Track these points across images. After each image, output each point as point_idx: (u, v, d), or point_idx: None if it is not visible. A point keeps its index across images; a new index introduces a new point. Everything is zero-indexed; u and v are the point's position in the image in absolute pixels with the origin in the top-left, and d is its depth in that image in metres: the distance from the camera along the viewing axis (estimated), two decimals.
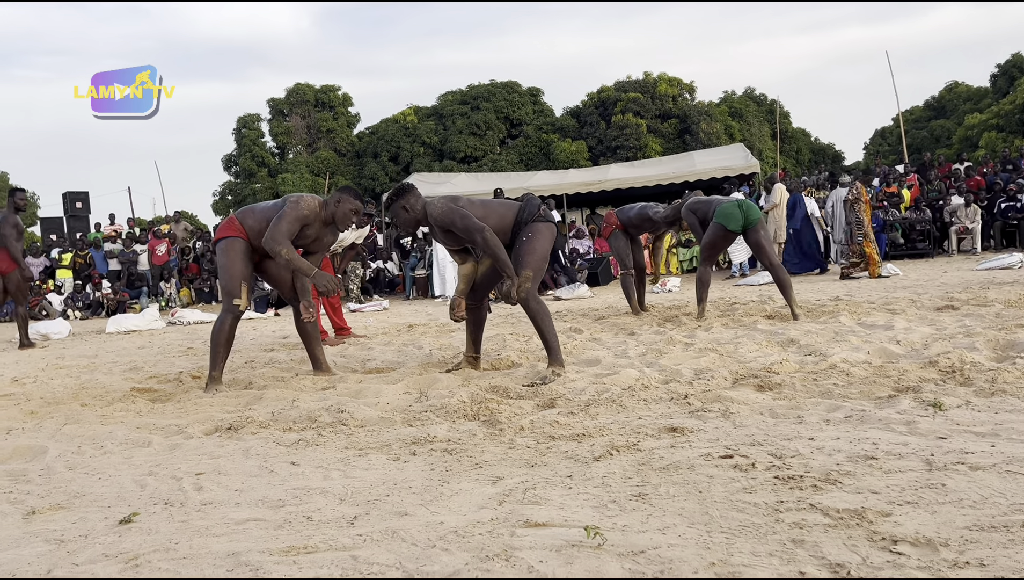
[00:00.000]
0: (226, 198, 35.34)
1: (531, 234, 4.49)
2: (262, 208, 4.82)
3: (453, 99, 34.71)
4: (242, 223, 4.74)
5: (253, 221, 4.73)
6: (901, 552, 1.74)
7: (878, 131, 39.78)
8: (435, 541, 1.97)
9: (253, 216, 4.76)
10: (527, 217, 4.52)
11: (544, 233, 4.51)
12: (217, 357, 4.69)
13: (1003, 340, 4.39)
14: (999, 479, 2.16)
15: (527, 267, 4.43)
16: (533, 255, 4.46)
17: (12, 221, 8.59)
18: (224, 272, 4.73)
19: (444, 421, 3.41)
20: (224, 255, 4.72)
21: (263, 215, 4.73)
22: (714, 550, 1.81)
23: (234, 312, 4.68)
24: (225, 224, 4.83)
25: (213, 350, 4.69)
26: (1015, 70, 33.33)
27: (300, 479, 2.64)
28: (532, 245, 4.47)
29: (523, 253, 4.46)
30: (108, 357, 7.07)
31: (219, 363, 4.70)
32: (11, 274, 8.65)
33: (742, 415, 3.15)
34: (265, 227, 4.62)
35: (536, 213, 4.54)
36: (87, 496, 2.59)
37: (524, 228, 4.52)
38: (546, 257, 4.57)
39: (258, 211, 4.80)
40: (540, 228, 4.51)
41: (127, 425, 3.72)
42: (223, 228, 4.82)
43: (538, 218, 4.53)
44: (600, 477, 2.44)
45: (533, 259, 4.45)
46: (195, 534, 2.13)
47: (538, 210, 4.56)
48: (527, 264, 4.44)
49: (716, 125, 31.97)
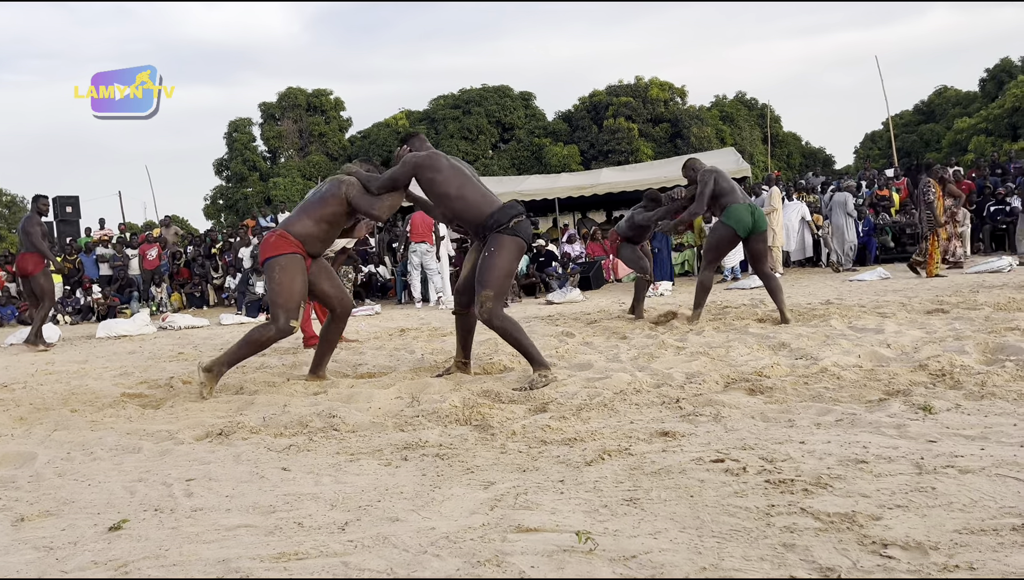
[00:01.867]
0: (217, 202, 35.29)
1: (494, 248, 4.25)
2: (301, 209, 4.70)
3: (445, 103, 34.76)
4: (296, 236, 4.59)
5: (300, 227, 4.61)
6: (891, 556, 1.75)
7: (868, 135, 40.00)
8: (426, 547, 1.96)
9: (298, 223, 4.63)
10: (493, 223, 4.29)
11: (509, 247, 4.27)
12: (238, 357, 4.58)
13: (992, 343, 4.41)
14: (988, 482, 2.17)
15: (487, 286, 4.21)
16: (493, 272, 4.22)
17: (37, 220, 9.14)
18: (282, 289, 4.53)
19: (436, 426, 3.40)
20: (283, 272, 4.54)
21: (305, 214, 4.63)
22: (705, 554, 1.82)
23: (287, 332, 4.54)
24: (277, 240, 4.61)
25: (239, 350, 4.56)
26: (1004, 74, 33.58)
27: (291, 485, 2.63)
28: (494, 261, 4.24)
29: (484, 269, 4.24)
30: (98, 362, 7.04)
31: (234, 363, 4.60)
32: (36, 276, 9.06)
33: (733, 419, 3.15)
34: (313, 226, 4.57)
35: (504, 224, 4.28)
36: (76, 503, 2.58)
37: (492, 235, 4.30)
38: (511, 273, 4.33)
39: (297, 215, 4.68)
40: (505, 241, 4.27)
41: (117, 431, 3.70)
42: (276, 244, 4.60)
43: (505, 230, 4.28)
44: (592, 482, 2.44)
45: (493, 277, 4.22)
46: (185, 541, 2.12)
47: (508, 222, 4.29)
48: (487, 283, 4.22)
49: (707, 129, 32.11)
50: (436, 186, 4.41)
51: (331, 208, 4.62)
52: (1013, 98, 29.55)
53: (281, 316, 4.54)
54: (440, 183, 4.39)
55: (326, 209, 4.62)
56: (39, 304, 9.29)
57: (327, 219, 4.64)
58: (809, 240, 14.86)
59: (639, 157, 29.78)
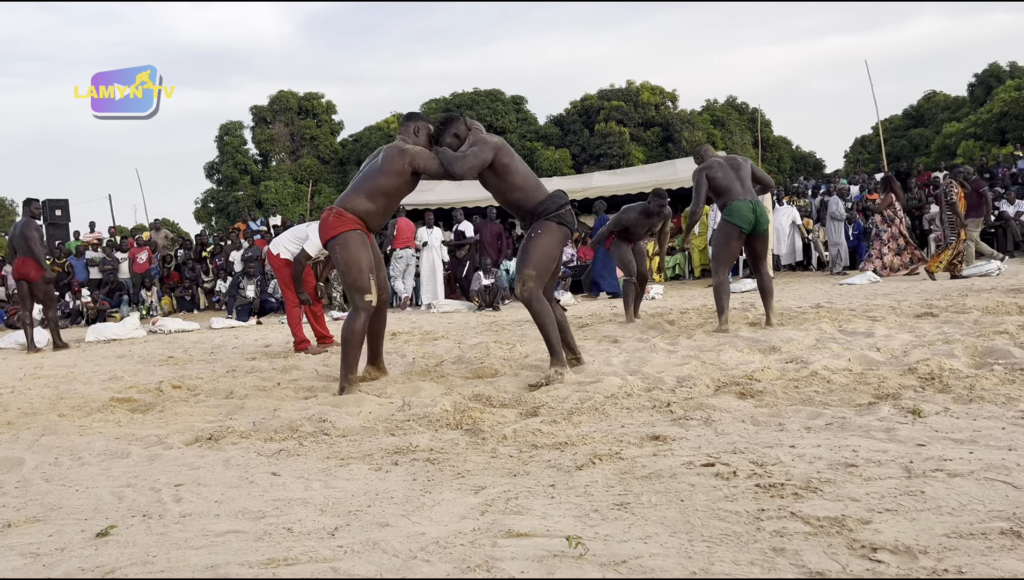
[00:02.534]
0: (208, 206, 35.20)
1: (540, 231, 4.40)
2: (357, 184, 4.54)
3: (437, 107, 34.77)
4: (354, 212, 4.45)
5: (357, 203, 4.46)
6: (880, 560, 1.75)
7: (858, 139, 40.19)
8: (416, 552, 1.96)
9: (355, 198, 4.48)
10: (542, 210, 4.43)
11: (554, 233, 4.42)
12: (352, 359, 4.48)
13: (981, 347, 4.43)
14: (977, 486, 2.17)
15: (529, 266, 4.37)
16: (536, 253, 4.38)
17: (35, 225, 9.19)
18: (349, 269, 4.44)
19: (427, 430, 3.39)
20: (345, 251, 4.42)
21: (361, 189, 4.48)
22: (695, 559, 1.82)
23: (367, 309, 4.46)
24: (334, 220, 4.47)
25: (346, 352, 4.46)
26: (992, 79, 33.82)
27: (281, 490, 2.62)
28: (537, 242, 4.39)
29: (528, 250, 4.40)
30: (87, 366, 7.00)
31: (354, 365, 4.49)
32: (38, 283, 9.16)
33: (724, 423, 3.16)
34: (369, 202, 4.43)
35: (552, 211, 4.43)
36: (64, 508, 2.56)
37: (536, 222, 4.43)
38: (553, 258, 4.48)
39: (353, 190, 4.53)
40: (551, 227, 4.42)
41: (106, 436, 3.68)
42: (334, 224, 4.47)
43: (552, 217, 4.42)
44: (582, 486, 2.43)
45: (536, 258, 4.37)
46: (173, 547, 2.11)
47: (556, 209, 4.44)
48: (529, 263, 4.38)
49: (698, 133, 32.22)
50: (508, 171, 4.44)
51: (391, 180, 4.45)
52: (1001, 103, 29.77)
53: (356, 297, 4.48)
54: (513, 170, 4.47)
55: (384, 181, 4.45)
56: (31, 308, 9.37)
57: (385, 192, 4.47)
58: (799, 244, 14.93)
59: (630, 161, 29.85)
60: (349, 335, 4.49)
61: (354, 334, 4.50)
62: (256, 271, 13.61)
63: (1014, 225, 13.75)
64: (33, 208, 9.36)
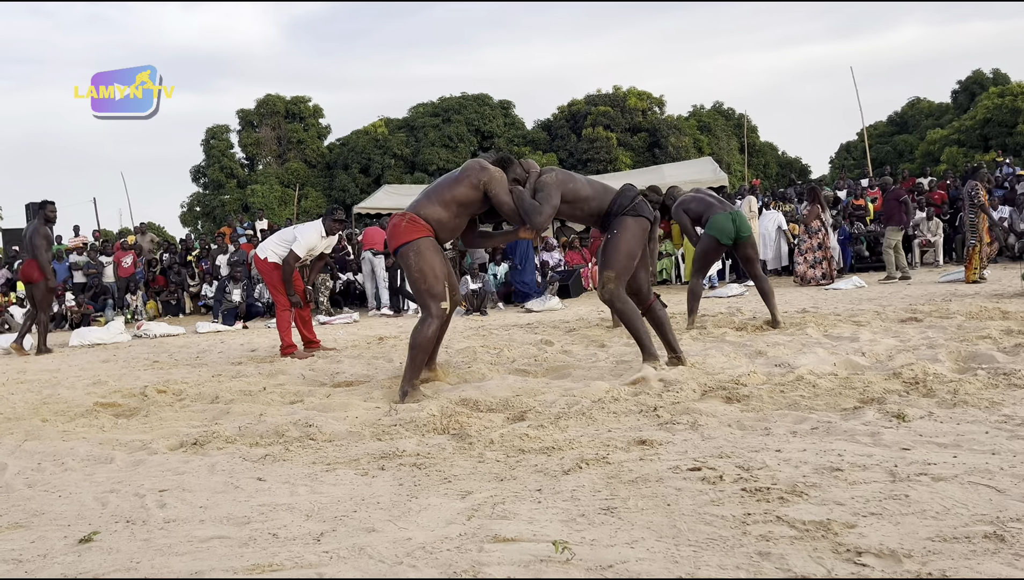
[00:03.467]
0: (194, 209, 35.01)
1: (617, 230, 4.37)
2: (431, 192, 4.51)
3: (424, 111, 34.76)
4: (427, 220, 4.39)
5: (430, 210, 4.40)
6: (865, 564, 1.76)
7: (843, 145, 40.44)
8: (402, 557, 1.95)
9: (428, 205, 4.43)
10: (617, 209, 4.41)
11: (632, 228, 4.39)
12: (417, 365, 4.38)
13: (964, 352, 4.47)
14: (960, 490, 2.19)
15: (610, 267, 4.37)
16: (616, 254, 4.37)
17: (43, 232, 9.25)
18: (423, 276, 4.35)
19: (413, 435, 3.39)
20: (420, 257, 4.34)
21: (435, 196, 4.44)
22: (682, 563, 1.82)
23: (440, 317, 4.41)
24: (407, 226, 4.39)
25: (412, 357, 4.37)
26: (975, 86, 34.13)
27: (266, 495, 2.61)
28: (617, 242, 4.37)
29: (607, 251, 4.40)
30: (71, 371, 6.94)
31: (419, 372, 4.42)
32: (39, 283, 9.22)
33: (710, 427, 3.17)
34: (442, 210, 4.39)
35: (627, 205, 4.40)
36: (47, 514, 2.54)
37: (613, 221, 4.41)
38: (633, 254, 4.45)
39: (427, 197, 4.48)
40: (628, 223, 4.39)
41: (89, 441, 3.65)
42: (407, 231, 4.39)
43: (628, 212, 4.40)
44: (569, 491, 2.43)
45: (615, 258, 4.37)
46: (157, 553, 2.09)
47: (630, 203, 4.41)
48: (610, 264, 4.37)
49: (685, 139, 32.33)
50: (577, 195, 4.48)
51: (464, 191, 4.41)
52: (984, 110, 30.05)
53: (431, 304, 4.39)
54: (579, 190, 4.51)
55: (457, 191, 4.42)
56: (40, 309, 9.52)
57: (458, 201, 4.43)
58: (785, 249, 14.99)
59: (618, 166, 29.91)
60: (421, 340, 4.39)
61: (426, 340, 4.40)
62: (242, 275, 13.54)
63: (997, 231, 13.86)
64: (48, 211, 9.45)
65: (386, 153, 33.21)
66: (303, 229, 7.33)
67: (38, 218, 9.35)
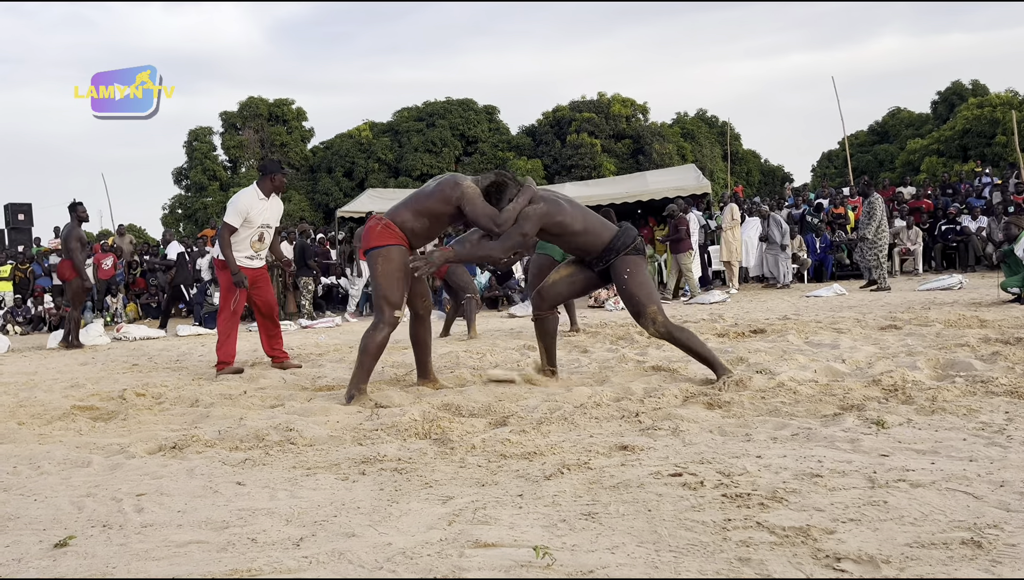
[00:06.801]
0: (176, 212, 34.76)
1: (631, 269, 4.40)
2: (414, 203, 4.49)
3: (409, 116, 34.71)
4: (401, 227, 4.42)
5: (403, 218, 4.43)
6: (844, 569, 1.77)
7: (825, 154, 40.77)
8: (382, 563, 1.94)
9: (403, 213, 4.45)
10: (621, 246, 4.42)
11: (641, 264, 4.46)
12: (366, 370, 4.43)
13: (943, 359, 4.51)
14: (939, 496, 2.21)
15: (652, 302, 4.36)
16: (645, 289, 4.40)
17: (76, 234, 9.68)
18: (385, 281, 4.39)
19: (395, 440, 3.37)
20: (387, 263, 4.38)
21: (409, 206, 4.46)
22: (662, 569, 1.82)
23: (393, 324, 4.43)
24: (381, 231, 4.42)
25: (362, 362, 4.42)
26: (955, 97, 34.52)
27: (245, 499, 2.59)
28: (639, 280, 4.40)
29: (636, 290, 4.37)
30: (48, 374, 6.87)
31: (367, 376, 4.45)
32: (72, 281, 9.71)
33: (692, 433, 3.17)
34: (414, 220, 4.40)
35: (631, 244, 4.45)
36: (21, 518, 2.51)
37: (619, 259, 4.41)
38: (654, 286, 4.63)
39: (403, 205, 4.50)
40: (637, 261, 4.45)
41: (66, 444, 3.60)
42: (380, 235, 4.42)
43: (631, 251, 4.44)
44: (551, 496, 2.43)
45: (648, 293, 4.39)
46: (134, 558, 2.07)
47: (633, 242, 4.46)
48: (650, 299, 4.37)
49: (669, 146, 32.49)
50: (565, 229, 4.41)
51: (436, 205, 4.42)
52: (964, 120, 30.40)
53: (385, 309, 4.42)
54: (568, 224, 4.41)
55: (431, 204, 4.43)
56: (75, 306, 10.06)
57: (428, 213, 4.44)
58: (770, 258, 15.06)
59: (602, 172, 29.99)
60: (370, 345, 4.43)
61: (375, 345, 4.43)
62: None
63: (975, 240, 14.02)
64: (80, 211, 9.65)
65: (370, 157, 33.13)
66: (236, 195, 6.36)
67: (71, 219, 9.71)
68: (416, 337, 4.86)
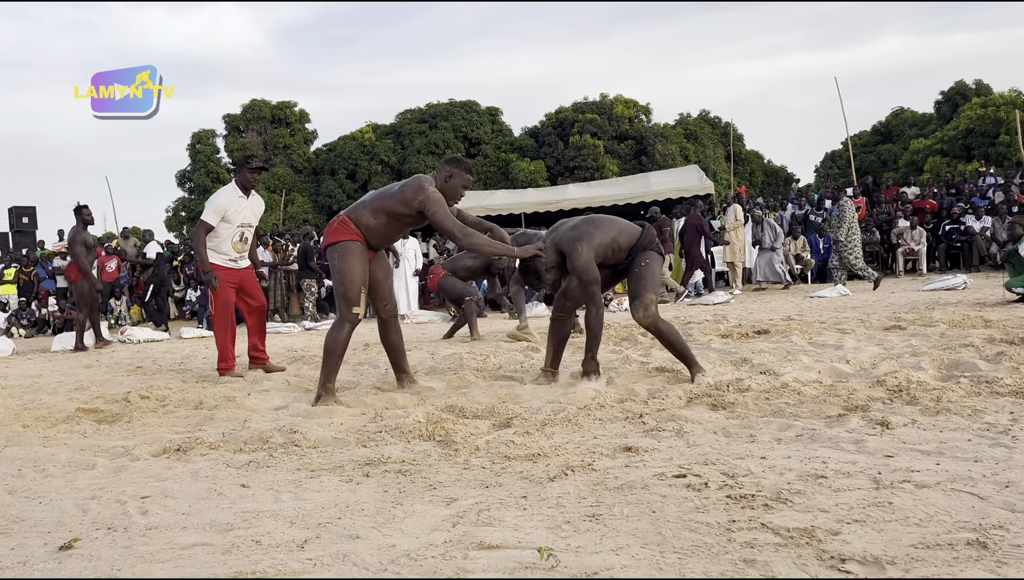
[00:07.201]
0: (179, 214, 34.82)
1: (648, 261, 4.57)
2: (375, 201, 4.52)
3: (412, 118, 34.72)
4: (356, 224, 4.47)
5: (359, 216, 4.47)
6: (849, 571, 1.76)
7: (828, 154, 40.70)
8: (387, 565, 1.94)
9: (361, 211, 4.49)
10: (646, 244, 4.62)
11: (658, 260, 4.64)
12: (331, 369, 4.47)
13: (948, 359, 4.50)
14: (944, 497, 2.20)
15: (651, 290, 4.50)
16: (653, 279, 4.55)
17: (81, 238, 9.69)
18: (342, 277, 4.44)
19: (399, 441, 3.37)
20: (341, 260, 4.43)
21: (368, 205, 4.51)
22: (666, 570, 1.82)
23: (353, 321, 4.47)
24: (337, 227, 4.50)
25: (327, 361, 4.48)
26: (958, 97, 34.45)
27: (250, 502, 2.59)
28: (652, 269, 4.55)
29: (643, 278, 4.52)
30: (53, 376, 6.88)
31: (333, 375, 4.49)
32: (80, 282, 9.78)
33: (696, 434, 3.17)
34: (371, 218, 4.44)
35: (653, 243, 4.64)
36: (26, 521, 2.51)
37: (641, 254, 4.60)
38: (660, 282, 4.71)
39: (362, 203, 4.56)
40: (655, 256, 4.62)
41: (71, 447, 3.61)
42: (335, 232, 4.50)
43: (654, 247, 4.63)
44: (555, 497, 2.43)
45: (652, 283, 4.54)
46: (138, 560, 2.07)
47: (654, 241, 4.65)
48: (650, 287, 4.51)
49: (672, 147, 32.45)
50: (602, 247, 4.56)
51: (397, 207, 4.43)
52: (967, 120, 30.33)
53: (343, 306, 4.47)
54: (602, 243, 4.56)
55: (391, 205, 4.45)
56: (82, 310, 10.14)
57: (386, 212, 4.46)
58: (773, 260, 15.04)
59: (605, 173, 29.98)
60: (333, 345, 4.50)
61: (338, 344, 4.50)
62: None
63: (979, 240, 13.98)
64: (84, 214, 9.73)
65: (373, 159, 33.14)
66: (214, 194, 6.29)
67: (76, 223, 9.76)
68: (386, 341, 4.86)
